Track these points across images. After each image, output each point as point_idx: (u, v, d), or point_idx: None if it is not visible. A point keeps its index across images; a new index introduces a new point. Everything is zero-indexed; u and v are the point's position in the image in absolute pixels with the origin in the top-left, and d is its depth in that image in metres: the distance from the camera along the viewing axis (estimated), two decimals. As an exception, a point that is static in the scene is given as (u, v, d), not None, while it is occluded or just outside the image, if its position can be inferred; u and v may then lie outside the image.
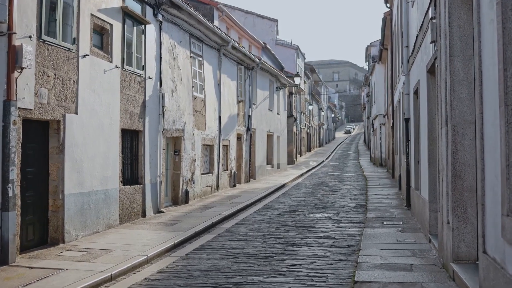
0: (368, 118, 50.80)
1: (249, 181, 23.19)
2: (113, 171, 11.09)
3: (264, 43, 33.58)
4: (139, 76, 12.35)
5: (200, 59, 16.87)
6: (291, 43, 47.58)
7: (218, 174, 18.60)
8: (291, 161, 39.30)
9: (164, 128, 13.66)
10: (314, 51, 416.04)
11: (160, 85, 13.47)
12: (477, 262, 5.73)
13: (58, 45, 9.08)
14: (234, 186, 20.80)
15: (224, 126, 19.39)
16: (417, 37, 10.28)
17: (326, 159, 46.69)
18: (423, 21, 8.91)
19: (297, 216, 13.00)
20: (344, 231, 10.57)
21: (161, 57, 13.53)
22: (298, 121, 46.43)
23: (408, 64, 13.02)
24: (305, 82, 53.25)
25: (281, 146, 31.55)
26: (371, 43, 42.75)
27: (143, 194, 12.52)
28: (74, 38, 9.58)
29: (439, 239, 7.32)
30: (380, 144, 35.61)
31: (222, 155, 19.60)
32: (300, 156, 48.76)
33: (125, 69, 11.63)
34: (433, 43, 7.48)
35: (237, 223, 12.38)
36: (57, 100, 9.06)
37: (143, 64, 12.54)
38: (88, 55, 10.01)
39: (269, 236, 10.39)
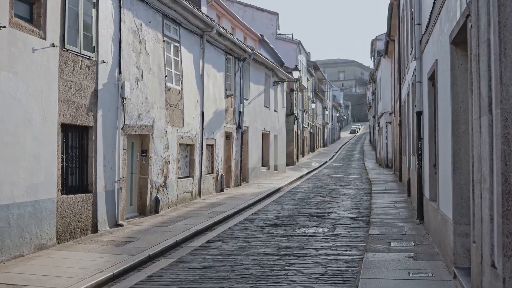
0: (374, 117, 48.31)
1: (240, 185, 20.82)
2: (48, 176, 8.75)
3: (261, 35, 31.19)
4: (88, 59, 10.01)
5: (177, 44, 14.52)
6: (292, 37, 45.14)
7: (200, 178, 16.24)
8: (291, 162, 36.93)
9: (125, 124, 11.32)
10: (319, 51, 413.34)
11: (120, 72, 11.13)
12: None
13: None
14: (221, 191, 18.44)
15: (209, 123, 17.03)
16: (434, 4, 7.90)
17: (330, 159, 44.29)
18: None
19: (284, 232, 10.62)
20: (339, 256, 8.17)
21: (120, 38, 11.19)
22: (300, 120, 44.03)
23: (420, 45, 10.62)
24: (308, 80, 50.87)
25: (279, 146, 29.15)
26: (376, 36, 40.24)
27: (94, 205, 10.18)
28: (-18, 2, 7.26)
29: (475, 284, 4.92)
30: (386, 144, 33.17)
31: (206, 156, 17.24)
32: (303, 157, 46.38)
33: (67, 49, 9.29)
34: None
35: (209, 240, 10.01)
36: (-50, 83, 6.75)
37: (94, 45, 10.20)
38: (4, 26, 7.67)
39: (242, 262, 8.02)
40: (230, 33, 18.49)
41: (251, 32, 29.71)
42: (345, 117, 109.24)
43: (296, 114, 39.54)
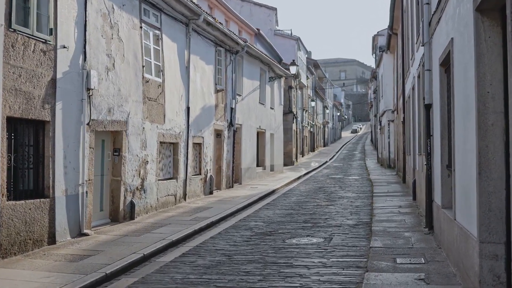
0: (375, 116, 46.86)
1: (232, 187, 19.41)
2: (-12, 180, 7.36)
3: (258, 29, 29.78)
4: (44, 43, 8.60)
5: (158, 32, 13.11)
6: (291, 33, 43.70)
7: (185, 180, 14.83)
8: (290, 162, 35.54)
9: (91, 119, 9.91)
10: (320, 50, 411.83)
11: (85, 59, 9.72)
12: None
13: None
14: (211, 193, 17.03)
15: (195, 119, 15.62)
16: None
17: (330, 159, 42.90)
18: None
19: (272, 243, 9.21)
20: (335, 277, 6.75)
21: (86, 21, 9.78)
22: (299, 119, 42.60)
23: (429, 28, 9.21)
24: (307, 78, 49.44)
25: (275, 145, 27.73)
26: (378, 32, 38.84)
27: (51, 212, 8.78)
28: None
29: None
30: (388, 143, 31.75)
31: (193, 155, 15.84)
32: (302, 157, 44.96)
33: (14, 29, 7.89)
34: None
35: (184, 254, 8.61)
36: None
37: (51, 26, 8.79)
38: None
39: (216, 283, 6.61)
40: (220, 23, 17.07)
41: (247, 26, 28.30)
42: (346, 117, 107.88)
43: (295, 113, 38.12)
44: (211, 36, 16.87)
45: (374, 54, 44.07)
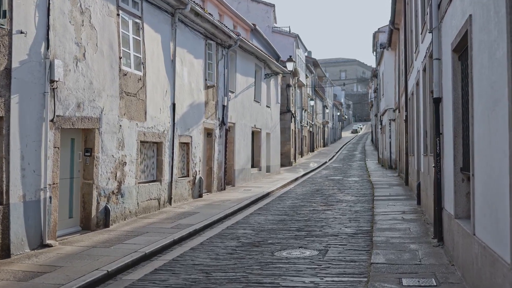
0: (376, 115, 45.68)
1: (224, 189, 18.26)
2: None
3: (254, 24, 28.60)
4: (-4, 26, 7.47)
5: (138, 21, 11.98)
6: (289, 30, 42.56)
7: (171, 182, 13.68)
8: (287, 162, 34.40)
9: (56, 115, 8.76)
10: (321, 50, 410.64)
11: (48, 47, 8.58)
12: None
13: None
14: (200, 196, 15.89)
15: (182, 117, 14.48)
16: None
17: (329, 160, 41.79)
18: None
19: (259, 256, 8.07)
20: (329, 302, 5.62)
21: (49, 4, 8.63)
22: (298, 118, 41.47)
23: (439, 11, 8.08)
24: (307, 76, 48.30)
25: (272, 145, 26.58)
26: (378, 29, 37.66)
27: (4, 221, 7.64)
28: None
29: None
30: (390, 143, 30.63)
31: (180, 156, 14.70)
32: (301, 157, 43.86)
33: (-44, 9, 6.76)
34: None
35: (156, 269, 7.46)
36: None
37: (5, 8, 7.65)
38: None
39: (185, 311, 5.47)
40: (210, 14, 15.93)
41: (242, 21, 27.14)
42: (346, 117, 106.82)
43: (293, 112, 36.98)
44: (200, 28, 15.73)
45: (374, 52, 42.92)
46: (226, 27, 17.67)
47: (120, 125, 10.93)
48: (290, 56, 26.64)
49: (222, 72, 17.93)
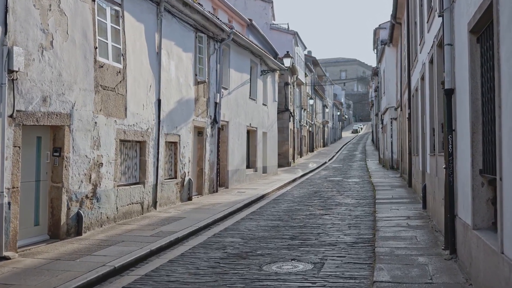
0: (377, 115, 44.63)
1: (216, 191, 17.23)
2: None
3: (250, 19, 27.58)
4: None
5: (117, 8, 10.95)
6: (288, 27, 41.52)
7: (156, 185, 12.65)
8: (286, 163, 33.36)
9: (16, 110, 7.73)
10: (321, 50, 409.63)
11: (5, 33, 7.55)
12: None
13: None
14: (189, 199, 14.85)
15: (169, 114, 13.45)
16: None
17: (329, 160, 40.78)
18: None
19: (246, 270, 7.04)
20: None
21: (8, -17, 7.61)
22: (297, 118, 40.44)
23: (451, -10, 7.04)
24: (306, 75, 47.26)
25: (269, 145, 25.53)
26: (379, 25, 36.60)
27: (-51, 232, 6.61)
28: None
29: None
30: (391, 142, 29.60)
31: (167, 156, 13.66)
32: (300, 157, 42.85)
33: None
34: None
35: (124, 288, 6.44)
36: None
37: (-50, -15, 6.64)
38: None
39: None
40: (199, 4, 14.89)
41: (238, 16, 26.11)
42: (346, 117, 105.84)
43: (292, 111, 35.94)
44: (190, 20, 14.70)
45: (375, 50, 41.88)
46: (219, 19, 16.64)
47: (96, 122, 9.89)
48: (288, 52, 25.62)
49: (214, 67, 16.90)
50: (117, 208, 10.76)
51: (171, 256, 8.18)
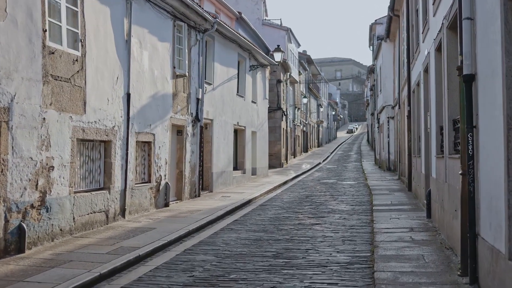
0: (372, 114, 43.21)
1: (198, 196, 15.73)
2: None
3: (239, 12, 26.07)
4: None
5: (75, -14, 9.43)
6: (280, 23, 40.06)
7: (124, 190, 11.14)
8: (278, 164, 31.93)
9: None
10: (316, 49, 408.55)
11: None
12: None
13: None
14: (166, 205, 13.34)
15: (141, 111, 11.94)
16: None
17: (323, 161, 39.38)
18: None
19: (211, 305, 5.54)
20: None
21: None
22: (290, 117, 39.01)
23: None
24: (300, 73, 45.79)
25: (258, 145, 24.03)
26: (376, 20, 35.22)
27: None
28: None
29: None
30: (388, 142, 28.15)
31: (139, 158, 12.15)
32: (294, 158, 41.44)
33: None
34: None
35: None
36: None
37: None
38: None
39: None
40: (180, -11, 13.40)
41: (226, 8, 24.59)
42: (341, 116, 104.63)
43: (284, 109, 34.50)
44: (167, 6, 13.21)
45: (371, 46, 40.45)
46: (201, 7, 15.14)
47: (44, 118, 8.37)
48: (278, 46, 24.09)
49: (196, 60, 15.40)
50: (74, 218, 9.24)
51: (125, 281, 6.67)
